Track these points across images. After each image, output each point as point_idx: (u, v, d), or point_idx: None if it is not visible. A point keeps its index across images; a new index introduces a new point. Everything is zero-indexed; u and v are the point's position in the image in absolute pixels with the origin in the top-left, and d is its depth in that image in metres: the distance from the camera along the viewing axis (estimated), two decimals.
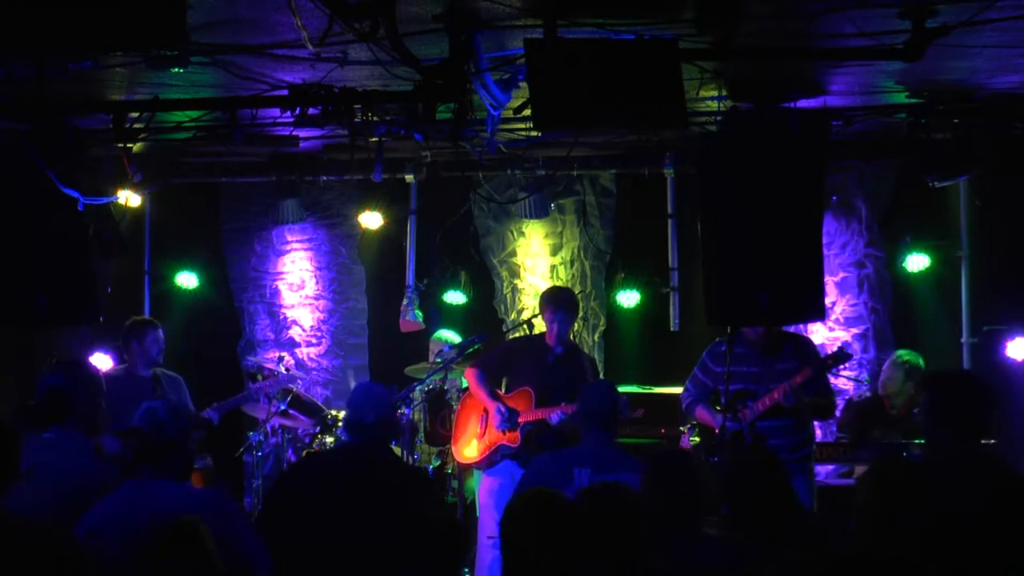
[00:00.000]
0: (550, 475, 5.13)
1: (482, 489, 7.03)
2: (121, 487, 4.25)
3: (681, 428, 7.54)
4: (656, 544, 4.00)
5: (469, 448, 7.11)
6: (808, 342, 6.85)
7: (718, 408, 6.55)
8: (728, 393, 6.38)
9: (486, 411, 7.01)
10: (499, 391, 7.10)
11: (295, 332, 9.36)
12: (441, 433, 7.73)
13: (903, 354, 7.54)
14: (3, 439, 3.59)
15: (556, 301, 7.02)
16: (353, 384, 9.29)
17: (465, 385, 7.44)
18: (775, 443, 6.35)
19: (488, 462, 6.93)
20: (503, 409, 6.86)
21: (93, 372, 4.86)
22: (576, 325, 8.71)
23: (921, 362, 7.45)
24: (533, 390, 6.86)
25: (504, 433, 6.87)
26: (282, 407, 7.77)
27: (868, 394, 7.96)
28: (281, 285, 9.38)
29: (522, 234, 9.12)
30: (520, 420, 6.83)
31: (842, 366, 6.57)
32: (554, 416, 6.67)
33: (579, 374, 6.86)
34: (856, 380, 8.08)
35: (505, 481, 6.71)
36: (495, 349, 7.31)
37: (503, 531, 3.75)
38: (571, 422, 6.59)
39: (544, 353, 6.99)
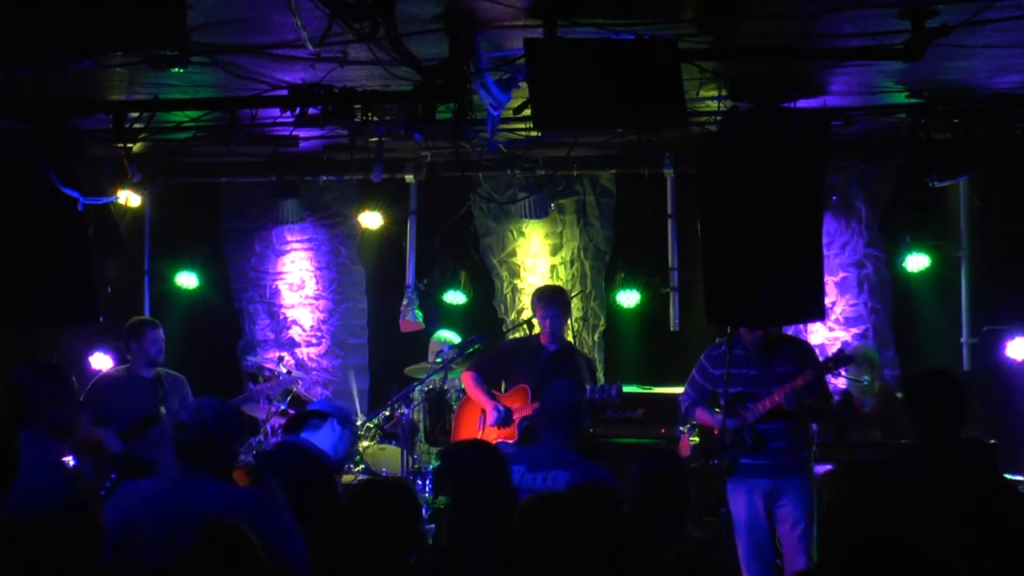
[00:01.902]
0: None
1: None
2: (161, 482, 4.25)
3: (681, 428, 7.54)
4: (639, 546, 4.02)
5: None
6: (807, 346, 6.84)
7: (717, 410, 6.54)
8: (727, 395, 6.38)
9: (484, 412, 7.03)
10: (496, 392, 7.12)
11: (295, 332, 9.36)
12: (440, 439, 7.75)
13: (858, 348, 7.60)
14: (2, 440, 3.57)
15: (546, 298, 7.08)
16: (353, 384, 9.31)
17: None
18: (776, 445, 6.37)
19: None
20: (499, 407, 6.89)
21: (56, 375, 4.69)
22: (576, 325, 8.73)
23: (874, 354, 7.50)
24: (529, 387, 6.89)
25: (500, 430, 6.89)
26: (282, 407, 7.77)
27: (837, 396, 7.93)
28: (281, 285, 9.38)
29: (522, 234, 9.12)
30: (516, 416, 6.86)
31: (844, 367, 6.57)
32: None
33: (575, 371, 6.89)
34: (856, 380, 8.07)
35: None
36: (491, 352, 7.32)
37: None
38: None
39: (539, 352, 7.04)
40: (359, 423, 7.82)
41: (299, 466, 4.92)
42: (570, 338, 8.69)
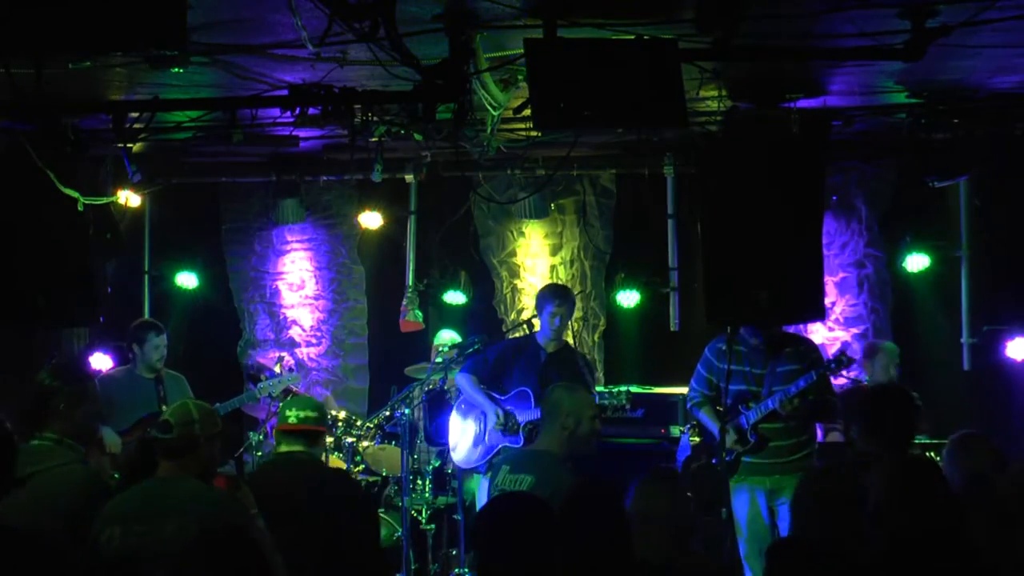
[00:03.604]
0: (494, 472, 5.21)
1: (484, 492, 7.00)
2: (139, 488, 4.26)
3: (680, 428, 7.55)
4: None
5: (470, 451, 7.08)
6: (810, 346, 6.76)
7: (719, 408, 6.53)
8: (727, 392, 6.38)
9: (484, 413, 7.00)
10: (495, 395, 7.07)
11: (295, 332, 9.36)
12: (439, 441, 7.75)
13: (885, 344, 7.60)
14: (1, 442, 3.56)
15: (555, 295, 7.01)
16: (353, 384, 9.31)
17: None
18: (778, 444, 6.37)
19: (490, 465, 6.91)
20: (500, 412, 6.86)
21: (80, 376, 4.70)
22: (576, 325, 8.71)
23: (894, 348, 7.49)
24: (531, 390, 6.85)
25: (504, 434, 6.86)
26: (281, 406, 7.76)
27: (850, 386, 7.91)
28: (281, 285, 9.38)
29: (522, 234, 9.12)
30: (522, 420, 6.82)
31: (845, 370, 6.55)
32: None
33: (574, 369, 6.88)
34: (855, 381, 8.08)
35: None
36: (485, 353, 7.19)
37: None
38: None
39: (537, 353, 6.98)
40: (360, 423, 7.83)
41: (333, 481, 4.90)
42: (570, 338, 8.68)
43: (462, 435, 7.14)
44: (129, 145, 6.17)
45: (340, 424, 7.66)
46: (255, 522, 4.22)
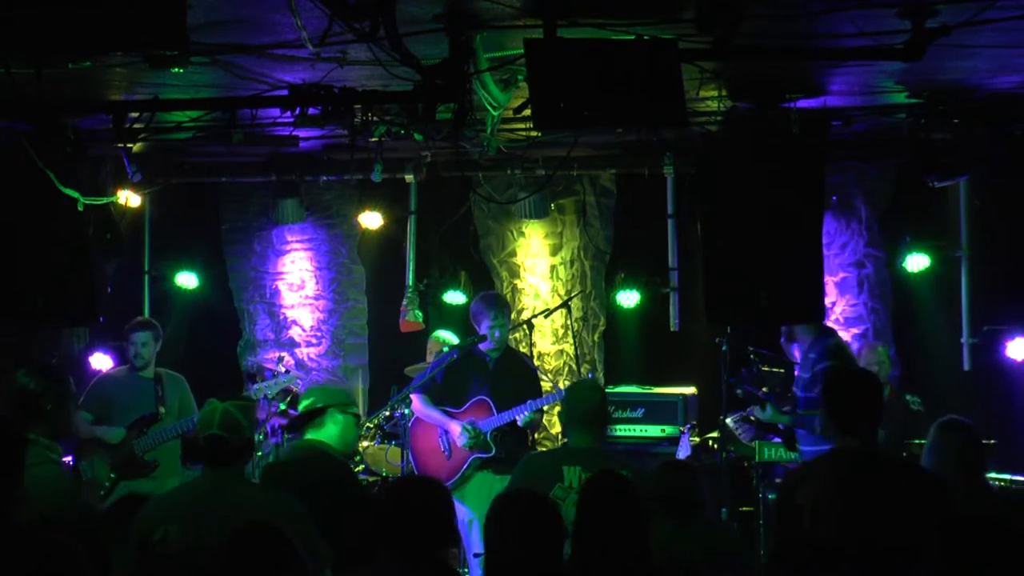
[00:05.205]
0: (540, 473, 5.10)
1: (458, 510, 7.04)
2: (189, 488, 4.26)
3: (680, 428, 7.55)
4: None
5: (436, 471, 7.05)
6: (813, 356, 6.56)
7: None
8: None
9: (444, 432, 7.00)
10: (451, 410, 7.03)
11: (295, 332, 9.36)
12: None
13: (876, 347, 7.62)
14: (11, 442, 3.55)
15: (490, 307, 6.99)
16: (352, 383, 9.31)
17: None
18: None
19: (462, 479, 6.92)
20: (464, 425, 6.86)
21: (60, 376, 4.70)
22: (576, 325, 8.72)
23: (884, 352, 7.51)
24: (489, 399, 6.88)
25: (472, 449, 6.87)
26: (281, 407, 7.76)
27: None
28: (281, 285, 9.38)
29: (522, 234, 9.12)
30: (487, 428, 6.84)
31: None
32: (520, 416, 6.73)
33: (523, 371, 7.00)
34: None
35: (483, 492, 6.72)
36: (433, 370, 7.12)
37: (486, 530, 3.75)
38: (538, 419, 6.93)
39: (484, 362, 7.01)
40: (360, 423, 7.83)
41: (319, 469, 4.94)
42: (570, 339, 8.71)
43: (427, 455, 7.12)
44: (129, 145, 6.18)
45: None
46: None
